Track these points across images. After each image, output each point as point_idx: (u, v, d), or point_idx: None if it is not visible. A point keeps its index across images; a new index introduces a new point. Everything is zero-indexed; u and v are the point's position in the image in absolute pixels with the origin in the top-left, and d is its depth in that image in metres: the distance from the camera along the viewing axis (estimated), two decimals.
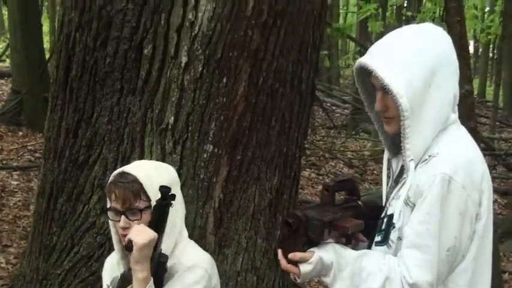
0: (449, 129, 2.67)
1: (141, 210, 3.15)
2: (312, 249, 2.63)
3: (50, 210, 4.50)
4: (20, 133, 13.51)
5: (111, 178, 3.29)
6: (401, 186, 2.73)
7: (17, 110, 13.99)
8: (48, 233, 4.50)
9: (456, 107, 2.73)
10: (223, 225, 4.23)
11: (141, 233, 2.97)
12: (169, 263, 3.19)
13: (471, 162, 2.58)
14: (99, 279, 4.12)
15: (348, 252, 2.69)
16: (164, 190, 2.98)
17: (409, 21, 19.77)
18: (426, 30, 2.74)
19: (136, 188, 3.16)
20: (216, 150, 4.14)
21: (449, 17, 5.56)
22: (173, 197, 3.03)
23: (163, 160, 4.08)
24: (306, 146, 6.16)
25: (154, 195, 3.12)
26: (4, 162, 11.37)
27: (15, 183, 10.12)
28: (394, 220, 2.69)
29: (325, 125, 17.53)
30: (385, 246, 2.72)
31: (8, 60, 19.48)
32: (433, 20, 14.15)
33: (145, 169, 3.29)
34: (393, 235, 2.68)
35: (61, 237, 4.40)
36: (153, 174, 3.25)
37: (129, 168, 3.28)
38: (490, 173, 2.73)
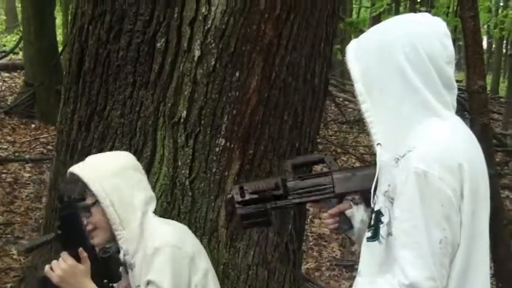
0: (430, 122, 2.57)
1: (89, 207, 3.19)
2: None
3: None
4: (33, 125, 13.56)
5: (63, 181, 3.34)
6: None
7: (30, 103, 14.04)
8: None
9: (450, 101, 2.66)
10: (234, 219, 4.22)
11: (56, 269, 2.99)
12: (140, 247, 3.21)
13: (447, 152, 2.49)
14: None
15: None
16: (59, 197, 2.99)
17: None
18: (406, 18, 2.73)
19: (80, 188, 3.21)
20: (228, 144, 4.14)
21: (463, 11, 5.53)
22: (75, 200, 3.08)
23: (175, 154, 4.09)
24: (318, 140, 6.14)
25: (100, 188, 3.18)
26: (16, 154, 11.42)
27: (28, 175, 10.16)
28: (381, 216, 2.67)
29: (338, 119, 17.50)
30: (376, 242, 2.69)
31: (21, 53, 19.51)
32: (446, 15, 14.11)
33: (90, 165, 3.36)
34: (382, 230, 2.64)
35: None
36: (95, 168, 3.28)
37: (73, 168, 3.37)
38: (502, 169, 2.70)
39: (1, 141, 12.20)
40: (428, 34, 2.61)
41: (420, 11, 20.22)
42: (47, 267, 3.00)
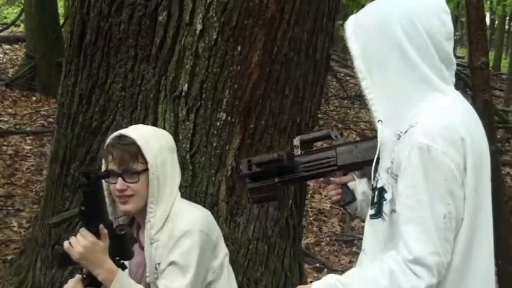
0: (431, 97, 2.57)
1: (138, 173, 3.17)
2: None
3: (63, 176, 4.52)
4: (34, 98, 13.55)
5: (108, 140, 3.31)
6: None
7: (31, 75, 14.03)
8: (61, 198, 4.52)
9: (449, 76, 2.64)
10: (235, 193, 4.23)
11: (76, 245, 2.97)
12: (166, 228, 3.21)
13: (450, 127, 2.48)
14: None
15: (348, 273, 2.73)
16: (85, 172, 2.98)
17: None
18: None
19: (133, 150, 3.17)
20: (229, 118, 4.14)
21: None
22: (101, 176, 3.06)
23: (176, 127, 4.08)
24: (319, 115, 6.14)
25: (153, 158, 3.14)
26: (17, 126, 11.43)
27: (28, 147, 10.17)
28: (384, 192, 2.67)
29: (339, 95, 17.47)
30: (379, 219, 2.69)
31: (22, 25, 19.46)
32: None
33: (143, 132, 3.30)
34: (386, 207, 2.64)
35: (73, 202, 4.42)
36: (150, 137, 3.26)
37: (126, 131, 3.29)
38: (503, 146, 2.70)
39: (2, 114, 12.20)
40: (427, 10, 2.60)
41: None
42: (66, 243, 2.99)
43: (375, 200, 2.68)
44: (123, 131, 3.28)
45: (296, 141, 3.17)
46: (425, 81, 2.58)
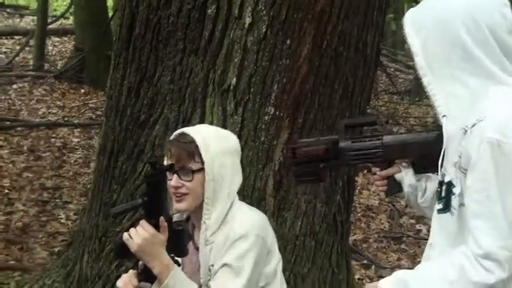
0: (497, 90, 2.54)
1: (193, 171, 3.14)
2: None
3: (111, 168, 4.52)
4: (82, 90, 13.67)
5: (171, 137, 3.30)
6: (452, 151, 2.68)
7: (80, 68, 14.16)
8: (109, 191, 4.53)
9: (511, 71, 2.57)
10: (282, 188, 4.20)
11: (135, 237, 2.95)
12: (222, 230, 3.19)
13: None
14: None
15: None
16: (152, 162, 2.96)
17: None
18: None
19: (191, 149, 3.15)
20: (277, 112, 4.11)
21: None
22: (166, 168, 3.04)
23: (224, 121, 4.07)
24: (369, 111, 6.08)
25: (210, 159, 3.12)
26: (66, 119, 11.54)
27: (76, 140, 10.26)
28: (453, 187, 2.65)
29: (388, 90, 17.34)
30: (448, 214, 2.66)
31: (71, 18, 19.62)
32: None
33: (204, 133, 3.27)
34: (454, 201, 2.62)
35: (121, 195, 4.42)
36: (211, 138, 3.23)
37: (188, 129, 3.27)
38: None
39: (51, 106, 12.33)
40: (487, 4, 2.57)
41: None
42: (125, 234, 2.98)
43: (443, 194, 2.67)
44: (185, 129, 3.27)
45: (341, 126, 3.15)
46: (489, 74, 2.55)
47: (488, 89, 2.54)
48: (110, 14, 14.87)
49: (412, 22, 2.71)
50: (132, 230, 2.98)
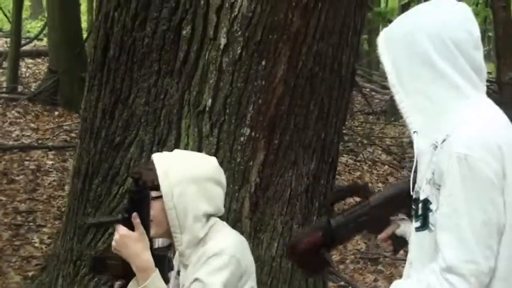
0: (465, 105, 2.57)
1: (153, 198, 3.12)
2: None
3: (85, 191, 4.49)
4: (56, 113, 13.58)
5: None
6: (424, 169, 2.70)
7: (54, 90, 14.06)
8: (83, 214, 4.49)
9: (481, 84, 2.65)
10: (259, 210, 4.19)
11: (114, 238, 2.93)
12: (199, 251, 3.16)
13: (485, 135, 2.49)
14: None
15: None
16: (134, 177, 2.94)
17: None
18: (430, 6, 2.73)
19: (150, 176, 3.13)
20: (253, 133, 4.10)
21: (495, 1, 5.47)
22: (145, 186, 3.00)
23: (199, 143, 4.05)
24: (344, 131, 6.11)
25: (168, 188, 3.09)
26: (40, 141, 11.45)
27: (51, 162, 10.18)
28: (429, 203, 2.66)
29: (364, 110, 17.40)
30: (426, 231, 2.67)
31: (45, 39, 19.56)
32: (476, 5, 13.91)
33: (169, 160, 3.24)
34: (432, 218, 2.63)
35: (95, 217, 4.39)
36: (174, 165, 3.19)
37: (157, 155, 3.24)
38: None
39: (24, 128, 12.24)
40: (453, 22, 2.63)
41: None
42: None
43: (420, 212, 2.68)
44: (154, 155, 3.24)
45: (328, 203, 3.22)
46: (458, 89, 2.59)
47: (456, 104, 2.58)
48: (84, 35, 14.83)
49: (385, 41, 2.75)
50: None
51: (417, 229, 2.71)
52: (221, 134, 4.08)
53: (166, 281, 3.09)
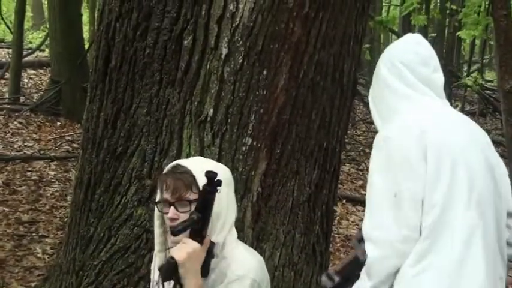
0: (413, 107, 3.13)
1: (190, 202, 3.09)
2: None
3: (88, 201, 4.49)
4: (58, 123, 13.60)
5: (164, 170, 3.26)
6: None
7: (56, 100, 14.10)
8: (85, 224, 4.49)
9: (427, 90, 3.17)
10: (261, 219, 4.19)
11: (182, 249, 2.93)
12: (218, 265, 3.15)
13: (409, 120, 3.02)
14: (136, 270, 4.12)
15: None
16: (210, 175, 2.92)
17: (453, 15, 19.42)
18: (397, 42, 3.45)
19: (188, 179, 3.10)
20: (255, 143, 4.10)
21: (496, 10, 5.46)
22: (219, 183, 2.97)
23: (201, 153, 4.05)
24: (346, 140, 6.10)
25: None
26: (42, 152, 11.46)
27: (53, 173, 10.18)
28: None
29: (366, 119, 17.39)
30: None
31: (47, 50, 19.60)
32: (478, 14, 13.87)
33: (200, 163, 3.24)
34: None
35: (98, 228, 4.39)
36: (207, 168, 3.19)
37: (182, 161, 3.23)
38: None
39: (26, 139, 12.25)
40: (401, 46, 3.31)
41: (451, 10, 20.03)
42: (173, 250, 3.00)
43: None
44: (179, 161, 3.23)
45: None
46: (408, 98, 3.16)
47: (406, 107, 3.13)
48: (86, 45, 14.86)
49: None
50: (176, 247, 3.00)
51: None
52: (223, 143, 4.08)
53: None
